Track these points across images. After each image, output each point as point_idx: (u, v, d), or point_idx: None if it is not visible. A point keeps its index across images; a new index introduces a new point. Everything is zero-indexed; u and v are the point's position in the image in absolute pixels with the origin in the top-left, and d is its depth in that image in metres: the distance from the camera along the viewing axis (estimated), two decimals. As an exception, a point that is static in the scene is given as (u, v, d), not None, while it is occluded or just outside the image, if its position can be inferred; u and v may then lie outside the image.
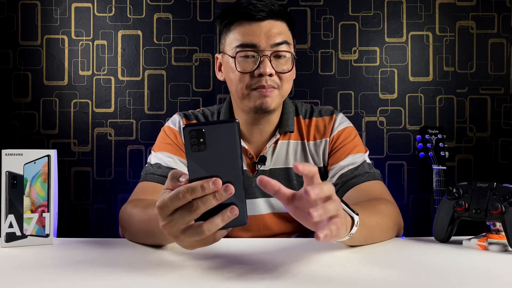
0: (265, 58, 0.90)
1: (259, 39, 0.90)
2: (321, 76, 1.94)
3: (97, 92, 1.91)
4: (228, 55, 0.94)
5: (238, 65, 0.91)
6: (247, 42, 0.90)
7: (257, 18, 0.91)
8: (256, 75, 0.90)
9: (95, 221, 1.91)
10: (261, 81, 0.90)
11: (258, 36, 0.90)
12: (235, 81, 0.93)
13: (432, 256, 0.70)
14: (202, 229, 0.51)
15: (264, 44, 0.90)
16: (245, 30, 0.91)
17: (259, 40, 0.90)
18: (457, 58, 1.95)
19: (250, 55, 0.91)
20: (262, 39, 0.90)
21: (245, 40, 0.91)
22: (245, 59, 0.91)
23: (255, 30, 0.91)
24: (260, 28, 0.91)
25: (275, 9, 0.92)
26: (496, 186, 0.74)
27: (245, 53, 0.91)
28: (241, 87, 0.92)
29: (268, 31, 0.91)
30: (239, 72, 0.91)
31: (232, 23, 0.93)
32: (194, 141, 0.51)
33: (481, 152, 1.95)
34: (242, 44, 0.91)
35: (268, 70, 0.89)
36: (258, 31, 0.91)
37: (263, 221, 1.00)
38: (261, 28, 0.91)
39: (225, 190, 0.50)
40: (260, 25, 0.91)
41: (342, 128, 1.02)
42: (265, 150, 1.00)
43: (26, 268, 0.61)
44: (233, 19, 0.93)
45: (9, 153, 0.73)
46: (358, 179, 0.94)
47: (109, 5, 1.91)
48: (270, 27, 0.91)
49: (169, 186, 0.53)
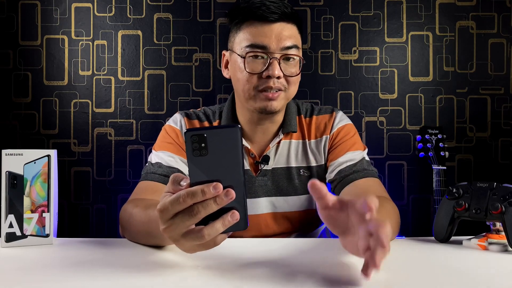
0: (274, 61, 0.90)
1: (270, 41, 0.90)
2: (321, 76, 1.94)
3: (97, 92, 1.91)
4: (237, 54, 0.93)
5: (247, 66, 0.91)
6: (258, 43, 0.90)
7: (269, 19, 0.90)
8: (264, 77, 0.90)
9: (95, 221, 1.91)
10: (268, 83, 0.90)
11: (269, 38, 0.90)
12: (242, 81, 0.93)
13: (432, 256, 0.70)
14: (202, 234, 0.51)
15: (275, 46, 0.90)
16: (256, 30, 0.91)
17: (269, 42, 0.90)
18: (457, 58, 1.95)
19: (260, 56, 0.91)
20: (273, 41, 0.90)
21: (255, 41, 0.90)
22: (254, 59, 0.91)
23: (266, 31, 0.90)
24: (271, 30, 0.91)
25: (288, 12, 0.92)
26: (496, 186, 0.74)
27: (254, 54, 0.90)
28: (248, 88, 0.92)
29: (279, 33, 0.91)
30: (248, 72, 0.91)
31: (243, 22, 0.93)
32: (195, 145, 0.50)
33: (481, 152, 1.95)
34: (252, 45, 0.91)
35: (276, 72, 0.89)
36: (269, 32, 0.90)
37: (265, 221, 1.00)
38: (272, 30, 0.91)
39: (226, 194, 0.50)
40: (271, 27, 0.91)
41: (341, 125, 1.03)
42: (268, 150, 1.00)
43: (26, 268, 0.61)
44: (244, 18, 0.93)
45: (9, 153, 0.73)
46: (356, 175, 0.95)
47: (109, 5, 1.91)
48: (281, 29, 0.91)
49: (170, 190, 0.53)
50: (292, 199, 1.01)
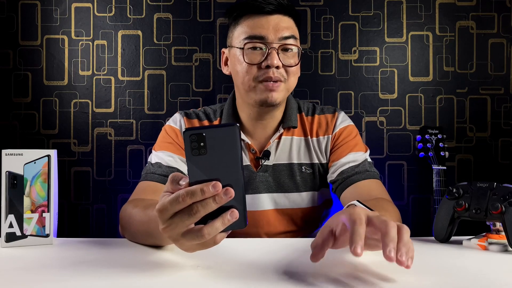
0: (272, 51, 0.91)
1: (267, 32, 0.91)
2: (321, 76, 1.94)
3: (97, 92, 1.91)
4: (236, 47, 0.94)
5: (246, 57, 0.92)
6: (256, 34, 0.92)
7: (265, 11, 0.92)
8: (264, 67, 0.91)
9: (95, 221, 1.91)
10: (268, 73, 0.91)
11: (267, 29, 0.91)
12: (242, 73, 0.94)
13: (432, 256, 0.70)
14: (202, 233, 0.51)
15: (272, 36, 0.91)
16: (254, 22, 0.92)
17: (267, 33, 0.91)
18: (457, 58, 1.94)
19: (258, 47, 0.92)
20: (271, 32, 0.91)
21: (253, 32, 0.92)
22: (252, 50, 0.92)
23: (264, 23, 0.92)
24: (268, 21, 0.92)
25: (284, 3, 0.93)
26: (496, 186, 0.74)
27: (253, 45, 0.92)
28: (248, 79, 0.93)
29: (277, 24, 0.92)
30: (247, 63, 0.92)
31: (241, 17, 0.95)
32: (194, 145, 0.50)
33: (481, 152, 1.95)
34: (250, 36, 0.92)
35: (275, 62, 0.90)
36: (266, 24, 0.92)
37: (266, 217, 1.00)
38: (269, 21, 0.92)
39: (225, 193, 0.50)
40: (268, 18, 0.92)
41: (344, 126, 1.03)
42: (268, 145, 1.00)
43: (26, 268, 0.61)
44: (242, 12, 0.94)
45: (9, 153, 0.73)
46: (358, 176, 0.95)
47: (109, 5, 1.91)
48: (278, 21, 0.93)
49: (169, 189, 0.53)
50: (294, 196, 1.01)
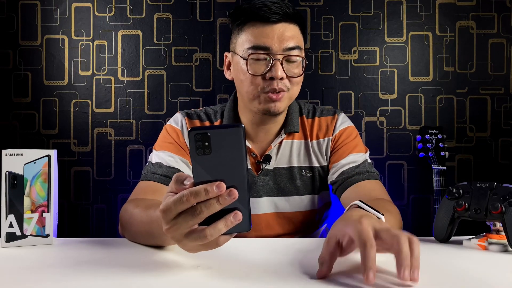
0: (277, 62, 0.89)
1: (272, 42, 0.89)
2: (321, 76, 1.94)
3: (97, 92, 1.91)
4: (240, 56, 0.93)
5: (250, 68, 0.90)
6: (260, 44, 0.89)
7: (271, 20, 0.89)
8: (267, 78, 0.90)
9: (95, 221, 1.91)
10: (272, 84, 0.89)
11: (271, 39, 0.89)
12: (246, 83, 0.92)
13: (432, 256, 0.70)
14: (204, 234, 0.51)
15: (277, 47, 0.89)
16: (258, 32, 0.90)
17: (271, 43, 0.89)
18: (457, 58, 1.95)
19: (262, 57, 0.90)
20: (275, 42, 0.89)
21: (257, 42, 0.90)
22: (256, 61, 0.90)
23: (268, 32, 0.90)
24: (273, 30, 0.90)
25: (289, 12, 0.91)
26: (496, 186, 0.74)
27: (257, 56, 0.90)
28: (252, 89, 0.91)
29: (281, 34, 0.90)
30: (251, 74, 0.90)
31: (245, 24, 0.92)
32: (199, 144, 0.50)
33: (481, 152, 1.95)
34: (254, 46, 0.90)
35: (279, 73, 0.89)
36: (271, 33, 0.90)
37: (266, 221, 1.00)
38: (274, 31, 0.90)
39: (229, 194, 0.50)
40: (273, 27, 0.90)
41: (344, 127, 1.03)
42: (270, 149, 1.00)
43: (26, 268, 0.61)
44: (246, 19, 0.92)
45: (9, 153, 0.73)
46: (358, 177, 0.95)
47: (109, 5, 1.91)
48: (283, 30, 0.90)
49: (173, 189, 0.53)
50: (294, 199, 1.01)
